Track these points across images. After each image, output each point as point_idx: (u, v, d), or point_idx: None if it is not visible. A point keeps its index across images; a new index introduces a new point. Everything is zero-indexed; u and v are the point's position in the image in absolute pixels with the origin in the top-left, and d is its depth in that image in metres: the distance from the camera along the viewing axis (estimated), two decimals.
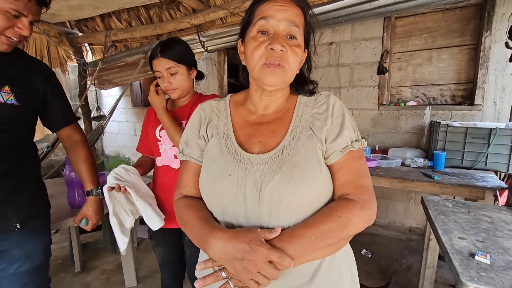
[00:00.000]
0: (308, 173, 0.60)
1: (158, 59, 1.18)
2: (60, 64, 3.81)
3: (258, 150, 0.66)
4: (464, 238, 1.05)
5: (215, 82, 3.83)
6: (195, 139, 0.73)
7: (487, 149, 2.11)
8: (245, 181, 0.61)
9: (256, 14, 0.64)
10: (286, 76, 0.64)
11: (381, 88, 2.81)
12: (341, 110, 0.67)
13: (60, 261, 2.43)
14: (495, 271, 0.84)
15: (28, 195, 1.04)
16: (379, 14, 2.30)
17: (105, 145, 5.67)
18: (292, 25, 0.62)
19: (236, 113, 0.74)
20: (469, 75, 2.52)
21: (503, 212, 1.33)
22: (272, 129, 0.68)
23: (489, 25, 2.31)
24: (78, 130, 1.22)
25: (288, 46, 0.61)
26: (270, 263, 0.52)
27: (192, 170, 0.73)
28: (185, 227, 0.66)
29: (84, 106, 3.82)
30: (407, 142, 2.76)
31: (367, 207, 0.59)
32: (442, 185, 1.92)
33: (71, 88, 4.84)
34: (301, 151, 0.62)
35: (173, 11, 3.11)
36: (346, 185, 0.62)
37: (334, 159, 0.63)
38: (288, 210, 0.59)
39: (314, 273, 0.62)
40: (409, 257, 2.39)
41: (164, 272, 1.43)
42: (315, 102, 0.69)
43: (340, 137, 0.63)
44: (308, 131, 0.65)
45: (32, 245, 1.04)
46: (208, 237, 0.57)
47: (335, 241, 0.57)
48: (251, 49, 0.63)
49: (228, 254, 0.53)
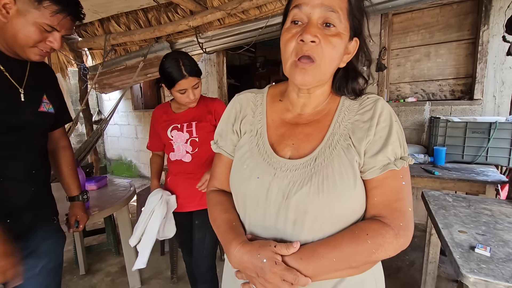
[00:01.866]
0: (341, 188, 0.54)
1: (187, 79, 1.27)
2: (61, 69, 3.85)
3: (290, 154, 0.61)
4: (464, 232, 1.06)
5: (215, 83, 3.84)
6: (229, 133, 0.72)
7: (487, 144, 2.11)
8: (272, 186, 0.58)
9: (292, 2, 0.58)
10: (319, 73, 0.56)
11: (380, 85, 2.81)
12: (389, 120, 0.58)
13: (65, 264, 2.44)
14: (495, 263, 0.84)
15: (50, 192, 1.10)
16: (376, 10, 2.31)
17: (107, 148, 5.70)
18: (329, 11, 0.53)
19: (272, 109, 0.69)
20: (468, 70, 2.52)
21: (503, 205, 1.33)
22: (308, 133, 0.62)
23: (487, 19, 2.31)
24: (65, 135, 1.23)
25: (322, 36, 0.53)
26: (285, 281, 0.51)
27: (224, 164, 0.73)
28: (213, 223, 0.68)
29: (85, 110, 3.85)
30: (407, 138, 2.76)
31: (402, 234, 0.53)
32: (443, 181, 1.92)
33: (72, 93, 4.87)
34: (335, 162, 0.56)
35: (171, 13, 3.13)
36: (381, 206, 0.56)
37: (371, 175, 0.57)
38: (314, 223, 0.55)
39: (335, 286, 0.59)
40: (412, 253, 2.39)
41: (184, 250, 1.58)
42: (359, 106, 0.61)
43: (381, 153, 0.56)
44: (346, 140, 0.58)
45: (56, 242, 1.07)
46: (229, 246, 0.58)
47: (359, 265, 0.55)
48: (283, 43, 0.57)
49: (245, 268, 0.55)
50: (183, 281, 2.13)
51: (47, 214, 1.06)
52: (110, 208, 1.65)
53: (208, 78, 3.87)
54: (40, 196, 1.01)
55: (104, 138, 5.65)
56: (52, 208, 1.11)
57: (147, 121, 4.78)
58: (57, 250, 1.07)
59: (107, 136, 5.56)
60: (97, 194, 1.89)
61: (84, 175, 1.54)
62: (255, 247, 0.54)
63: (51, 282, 1.04)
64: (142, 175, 5.20)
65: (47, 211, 1.07)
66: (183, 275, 2.20)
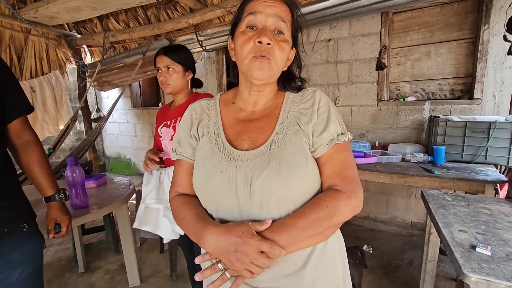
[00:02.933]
0: (296, 167, 0.62)
1: (160, 56, 1.40)
2: (59, 66, 3.82)
3: (247, 147, 0.68)
4: (464, 231, 1.06)
5: (214, 82, 3.83)
6: (187, 139, 0.75)
7: (487, 143, 2.11)
8: (236, 177, 0.63)
9: (246, 10, 0.66)
10: (273, 69, 0.65)
11: (380, 84, 2.81)
12: (327, 105, 0.69)
13: (64, 262, 2.45)
14: (496, 263, 0.84)
15: (20, 191, 0.99)
16: (377, 9, 2.30)
17: (105, 146, 5.68)
18: (280, 21, 0.64)
19: (226, 111, 0.76)
20: (467, 69, 2.52)
21: (502, 204, 1.33)
22: (261, 126, 0.70)
23: (487, 18, 2.31)
24: (29, 128, 1.06)
25: (275, 41, 0.63)
26: (262, 253, 0.55)
27: (185, 168, 0.75)
28: (181, 224, 0.69)
29: (84, 108, 3.83)
30: (407, 138, 2.77)
31: (353, 196, 0.62)
32: (442, 180, 1.93)
33: (70, 90, 4.84)
34: (288, 146, 0.64)
35: (171, 11, 3.12)
36: (333, 177, 0.65)
37: (320, 152, 0.66)
38: (278, 203, 0.61)
39: (307, 260, 0.65)
40: (411, 252, 2.39)
41: (184, 249, 1.61)
42: (301, 98, 0.72)
43: (326, 131, 0.66)
44: (295, 126, 0.67)
45: (32, 247, 0.99)
46: (203, 233, 0.59)
47: (324, 229, 0.61)
48: (240, 43, 0.65)
49: (222, 247, 0.56)
50: (182, 279, 2.13)
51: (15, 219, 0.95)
52: (109, 206, 1.64)
53: (208, 76, 3.86)
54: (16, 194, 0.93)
55: (102, 136, 5.64)
56: (21, 213, 0.98)
57: (146, 119, 4.76)
58: (35, 256, 1.00)
59: (105, 134, 5.54)
60: (96, 192, 1.89)
61: (83, 173, 1.53)
62: (231, 225, 0.58)
63: (31, 287, 0.98)
64: (141, 173, 5.19)
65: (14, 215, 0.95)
66: (182, 273, 2.20)
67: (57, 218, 1.11)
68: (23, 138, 1.04)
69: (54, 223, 1.11)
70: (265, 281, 0.64)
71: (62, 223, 1.12)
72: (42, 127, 3.60)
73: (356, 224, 2.99)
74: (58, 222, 1.12)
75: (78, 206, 1.52)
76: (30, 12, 2.85)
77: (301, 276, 0.64)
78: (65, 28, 3.70)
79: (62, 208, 1.13)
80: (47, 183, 1.08)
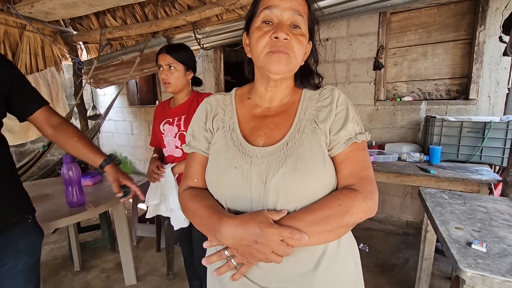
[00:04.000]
0: (312, 165, 0.61)
1: (162, 54, 1.40)
2: (55, 63, 3.78)
3: (263, 143, 0.66)
4: (461, 228, 1.07)
5: (212, 80, 3.82)
6: (202, 132, 0.74)
7: (482, 143, 2.14)
8: (250, 174, 0.62)
9: (261, 4, 0.64)
10: (291, 63, 0.63)
11: (377, 83, 2.82)
12: (345, 104, 0.67)
13: (59, 260, 2.42)
14: (491, 259, 0.86)
15: (19, 189, 1.03)
16: (375, 9, 2.31)
17: (102, 144, 5.64)
18: (296, 14, 0.62)
19: (241, 106, 0.75)
20: (463, 70, 2.54)
21: (498, 202, 1.35)
22: (277, 122, 0.69)
23: (483, 20, 2.33)
24: (55, 113, 1.11)
25: (292, 35, 0.62)
26: (282, 241, 0.54)
27: (199, 162, 0.73)
28: (192, 217, 0.67)
29: (79, 105, 3.79)
30: (403, 137, 2.79)
31: (370, 197, 0.60)
32: (438, 179, 1.95)
33: (66, 87, 4.80)
34: (305, 144, 0.63)
35: (168, 8, 3.09)
36: (350, 176, 0.63)
37: (337, 150, 0.64)
38: (293, 202, 0.60)
39: (319, 261, 0.63)
40: (406, 251, 2.42)
41: (183, 245, 1.61)
42: (319, 96, 0.70)
43: (343, 129, 0.64)
44: (312, 124, 0.66)
45: (35, 237, 1.03)
46: (219, 225, 0.58)
47: (333, 228, 0.59)
48: (255, 39, 0.63)
49: (241, 239, 0.55)
50: (179, 277, 2.13)
51: (21, 210, 1.00)
52: (106, 204, 1.63)
53: (205, 74, 3.85)
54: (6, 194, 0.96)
55: (99, 134, 5.59)
56: (26, 204, 1.04)
57: (143, 117, 4.74)
58: (36, 247, 1.04)
59: (102, 132, 5.49)
60: (92, 190, 1.87)
61: (80, 170, 1.52)
62: (248, 215, 0.57)
63: (32, 277, 1.02)
64: (137, 171, 5.16)
65: (21, 207, 1.01)
66: (179, 271, 2.19)
67: (118, 178, 1.14)
68: (53, 123, 1.09)
69: (119, 184, 1.14)
70: (276, 280, 0.62)
71: (127, 183, 1.14)
72: None
73: None
74: (121, 183, 1.14)
75: (74, 204, 1.50)
76: (25, 7, 2.81)
77: (312, 277, 0.62)
78: (61, 24, 3.66)
79: (118, 169, 1.16)
80: (93, 153, 1.13)
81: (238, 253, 0.58)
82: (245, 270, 0.59)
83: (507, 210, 1.26)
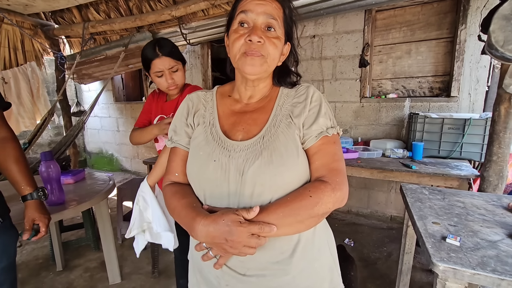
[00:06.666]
0: (287, 157, 0.64)
1: (160, 58, 1.23)
2: (36, 57, 3.66)
3: (241, 137, 0.70)
4: (437, 223, 1.10)
5: (199, 76, 3.78)
6: (183, 127, 0.77)
7: (462, 139, 2.20)
8: (228, 166, 0.65)
9: (238, 8, 0.68)
10: (265, 64, 0.67)
11: (362, 80, 2.86)
12: (319, 100, 0.71)
13: (41, 260, 2.37)
14: (463, 252, 0.88)
15: None
16: (360, 6, 2.33)
17: (87, 141, 5.51)
18: (270, 18, 0.66)
19: (222, 103, 0.78)
20: (446, 68, 2.60)
21: (475, 197, 1.39)
22: (255, 118, 0.72)
23: (465, 19, 2.38)
24: (4, 124, 1.04)
25: (266, 38, 0.65)
26: (253, 235, 0.57)
27: (180, 156, 0.76)
28: (173, 214, 0.70)
29: (62, 101, 3.69)
30: (388, 134, 2.84)
31: (338, 188, 0.63)
32: (420, 175, 1.99)
33: (48, 83, 4.65)
34: (280, 138, 0.66)
35: (153, 2, 3.04)
36: (321, 168, 0.66)
37: (310, 143, 0.68)
38: (269, 192, 0.63)
39: (294, 249, 0.66)
40: (390, 245, 2.47)
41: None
42: (296, 92, 0.74)
43: (315, 124, 0.68)
44: (287, 119, 0.70)
45: (6, 240, 0.99)
46: (193, 224, 0.60)
47: (304, 218, 0.62)
48: (232, 41, 0.67)
49: (213, 237, 0.58)
50: (164, 275, 2.11)
51: None
52: (88, 202, 1.60)
53: (192, 70, 3.80)
54: None
55: (83, 131, 5.46)
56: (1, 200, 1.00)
57: (129, 114, 4.65)
58: (9, 250, 1.00)
59: (87, 129, 5.37)
60: (74, 187, 1.83)
61: (59, 168, 1.48)
62: (218, 215, 0.59)
63: (4, 281, 0.98)
64: (124, 168, 5.08)
65: None
66: (164, 270, 2.18)
67: (35, 218, 1.05)
68: None
69: (32, 223, 1.06)
70: (253, 268, 0.65)
71: (40, 223, 1.06)
72: (18, 121, 3.45)
73: (339, 218, 3.05)
74: (36, 222, 1.07)
75: (53, 202, 1.46)
76: None
77: (288, 264, 0.66)
78: (42, 18, 3.53)
79: (40, 207, 1.08)
80: (24, 181, 1.04)
81: (214, 248, 0.62)
82: (223, 261, 0.63)
83: (483, 205, 1.30)
